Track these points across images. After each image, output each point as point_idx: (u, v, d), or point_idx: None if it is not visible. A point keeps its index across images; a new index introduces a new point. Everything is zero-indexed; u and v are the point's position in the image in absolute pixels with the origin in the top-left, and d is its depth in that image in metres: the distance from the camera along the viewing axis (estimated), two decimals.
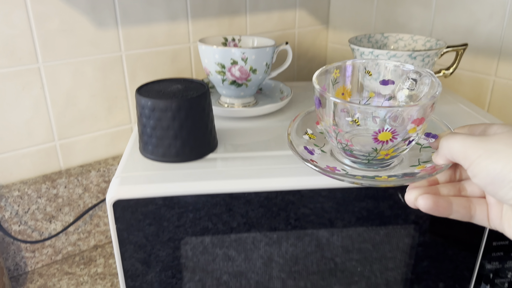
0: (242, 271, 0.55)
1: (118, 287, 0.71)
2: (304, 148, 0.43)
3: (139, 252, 0.49)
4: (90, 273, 0.74)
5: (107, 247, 0.80)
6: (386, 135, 0.37)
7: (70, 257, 0.77)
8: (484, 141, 0.31)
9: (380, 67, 0.43)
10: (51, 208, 0.72)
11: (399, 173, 0.40)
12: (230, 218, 0.51)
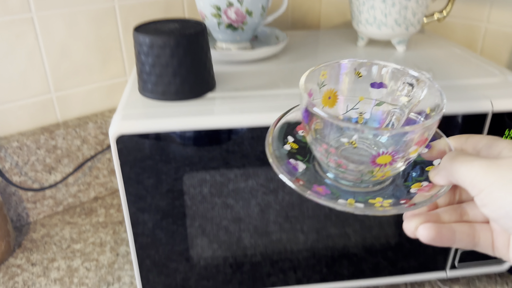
0: (240, 217, 0.57)
1: (120, 234, 0.73)
2: (287, 163, 0.37)
3: (143, 188, 0.50)
4: (91, 222, 0.76)
5: (107, 199, 0.81)
6: (385, 158, 0.32)
7: (71, 208, 0.79)
8: (495, 167, 0.27)
9: (371, 68, 0.38)
10: (50, 159, 0.73)
11: (395, 195, 0.35)
12: (228, 170, 0.53)
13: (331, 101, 0.39)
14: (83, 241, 0.71)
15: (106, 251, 0.69)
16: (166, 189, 0.51)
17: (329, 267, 0.59)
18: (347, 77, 0.39)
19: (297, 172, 0.37)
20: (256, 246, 0.57)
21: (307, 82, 0.36)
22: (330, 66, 0.38)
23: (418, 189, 0.34)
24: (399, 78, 0.37)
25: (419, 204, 0.32)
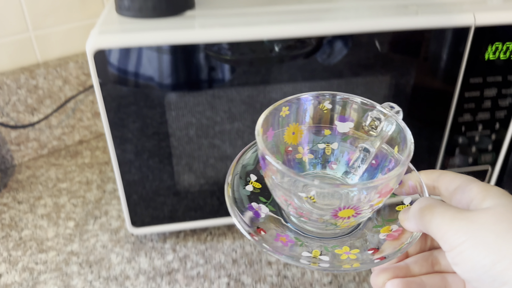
0: (227, 155, 0.57)
1: (106, 173, 0.73)
2: (249, 207, 0.34)
3: (124, 108, 0.49)
4: (77, 163, 0.75)
5: (92, 142, 0.81)
6: (347, 212, 0.30)
7: (56, 151, 0.78)
8: (468, 222, 0.25)
9: (336, 101, 0.36)
10: (32, 100, 0.72)
11: (363, 239, 0.33)
12: (213, 114, 0.53)
13: (295, 136, 0.37)
14: (69, 180, 0.71)
15: (93, 189, 0.69)
16: (150, 115, 0.50)
17: None
18: (311, 111, 0.36)
19: (259, 219, 0.34)
20: None
21: (267, 120, 0.34)
22: (292, 101, 0.35)
23: (388, 234, 0.32)
24: (366, 112, 0.35)
25: (388, 258, 0.30)
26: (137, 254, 0.57)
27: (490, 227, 0.24)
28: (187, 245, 0.58)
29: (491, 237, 0.24)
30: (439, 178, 0.32)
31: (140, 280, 0.53)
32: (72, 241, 0.59)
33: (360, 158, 0.36)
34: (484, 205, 0.26)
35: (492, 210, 0.25)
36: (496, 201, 0.26)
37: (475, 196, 0.27)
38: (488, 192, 0.27)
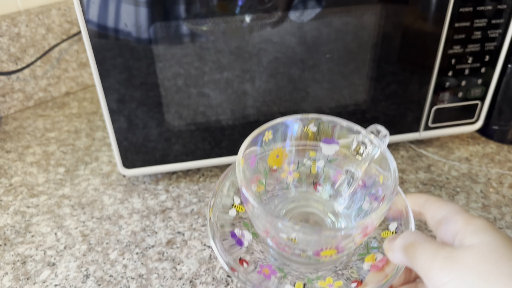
0: (217, 103, 0.56)
1: (95, 123, 0.72)
2: (231, 235, 0.34)
3: (111, 60, 0.48)
4: (65, 114, 0.74)
5: (79, 94, 0.80)
6: (329, 252, 0.30)
7: (42, 103, 0.77)
8: (452, 262, 0.25)
9: (320, 124, 0.36)
10: (15, 48, 0.70)
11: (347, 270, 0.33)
12: (202, 64, 0.52)
13: (279, 159, 0.36)
14: (58, 130, 0.70)
15: (82, 137, 0.68)
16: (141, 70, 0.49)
17: None
18: (296, 134, 0.36)
19: (242, 248, 0.33)
20: (234, 127, 0.57)
21: (250, 147, 0.33)
22: (275, 126, 0.35)
23: (372, 265, 0.32)
24: (352, 135, 0.35)
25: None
26: (129, 195, 0.57)
27: (474, 268, 0.24)
28: (179, 186, 0.58)
29: (474, 279, 0.24)
30: (425, 204, 0.32)
31: (134, 218, 0.53)
32: (63, 186, 0.59)
33: (345, 181, 0.36)
34: (468, 242, 0.26)
35: (476, 249, 0.25)
36: (481, 238, 0.26)
37: (460, 230, 0.27)
38: (473, 226, 0.27)
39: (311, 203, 0.38)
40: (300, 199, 0.38)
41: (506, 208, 0.53)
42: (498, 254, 0.24)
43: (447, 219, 0.29)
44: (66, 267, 0.47)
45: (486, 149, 0.63)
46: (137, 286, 0.45)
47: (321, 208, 0.37)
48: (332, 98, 0.58)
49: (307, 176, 0.37)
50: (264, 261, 0.34)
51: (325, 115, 0.35)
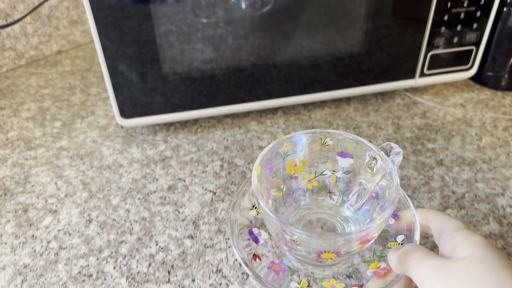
0: (212, 58, 0.55)
1: (89, 79, 0.71)
2: (249, 233, 0.37)
3: (109, 17, 0.47)
4: (58, 71, 0.73)
5: (71, 52, 0.79)
6: (329, 255, 0.33)
7: (34, 61, 0.76)
8: (442, 271, 0.27)
9: (337, 138, 0.38)
10: (4, 4, 0.69)
11: (351, 274, 0.36)
12: (196, 21, 0.51)
13: (298, 168, 0.39)
14: (51, 87, 0.69)
15: (77, 93, 0.68)
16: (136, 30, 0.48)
17: (302, 89, 0.59)
18: (313, 146, 0.39)
19: (257, 245, 0.37)
20: (230, 81, 0.57)
21: (268, 156, 0.36)
22: (293, 138, 0.38)
23: (375, 271, 0.34)
24: (365, 150, 0.37)
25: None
26: (128, 146, 0.57)
27: (462, 277, 0.26)
28: (178, 137, 0.58)
29: (461, 286, 0.25)
30: (433, 219, 0.33)
31: (134, 167, 0.53)
32: (60, 139, 0.58)
33: (357, 193, 0.38)
34: (461, 255, 0.28)
35: (467, 260, 0.27)
36: (474, 251, 0.27)
37: (458, 244, 0.29)
38: (469, 241, 0.28)
39: (325, 210, 0.40)
40: (313, 206, 0.41)
41: (501, 149, 0.54)
42: (487, 265, 0.26)
43: (449, 233, 0.30)
44: (68, 214, 0.47)
45: (480, 96, 0.64)
46: (141, 228, 0.45)
47: (333, 215, 0.40)
48: (327, 52, 0.58)
49: (324, 186, 0.40)
50: (277, 259, 0.37)
51: (343, 132, 0.38)
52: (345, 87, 0.60)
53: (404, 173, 0.51)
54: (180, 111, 0.57)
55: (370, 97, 0.64)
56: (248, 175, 0.51)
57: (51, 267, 0.42)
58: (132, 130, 0.59)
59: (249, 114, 0.62)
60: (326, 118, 0.60)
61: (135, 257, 0.42)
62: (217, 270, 0.41)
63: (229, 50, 0.56)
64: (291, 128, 0.59)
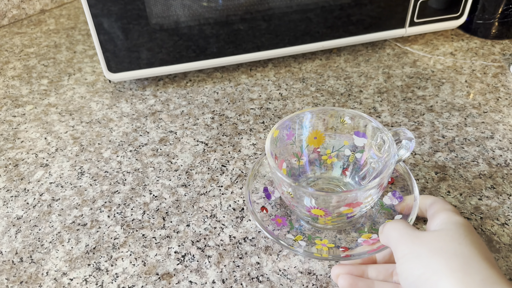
0: (199, 13, 0.54)
1: (74, 37, 0.70)
2: (264, 189, 0.41)
3: None
4: (42, 30, 0.72)
5: (54, 11, 0.76)
6: (317, 211, 0.35)
7: (17, 21, 0.74)
8: (414, 238, 0.29)
9: (355, 118, 0.40)
10: None
11: (342, 239, 0.38)
12: None
13: (317, 141, 0.41)
14: (36, 45, 0.68)
15: (63, 51, 0.66)
16: None
17: (291, 42, 0.58)
18: (333, 123, 0.40)
19: (269, 200, 0.41)
20: (218, 35, 0.56)
21: (287, 123, 0.39)
22: (313, 111, 0.40)
23: (364, 240, 0.36)
24: (377, 132, 0.38)
25: (353, 257, 0.34)
26: (117, 101, 0.56)
27: (427, 244, 0.28)
28: (167, 91, 0.58)
29: (425, 253, 0.28)
30: (431, 205, 0.35)
31: (124, 121, 0.53)
32: (48, 95, 0.57)
33: (366, 171, 0.40)
34: (434, 227, 0.31)
35: (437, 232, 0.29)
36: (447, 226, 0.30)
37: (436, 220, 0.31)
38: (447, 219, 0.31)
39: (333, 181, 0.42)
40: (324, 177, 0.43)
41: (490, 95, 0.54)
42: (453, 238, 0.28)
43: (435, 214, 0.33)
44: (59, 167, 0.47)
45: (470, 44, 0.64)
46: (134, 178, 0.45)
47: (340, 186, 0.42)
48: (317, 5, 0.57)
49: (346, 161, 0.42)
50: (283, 214, 0.40)
51: (362, 113, 0.39)
52: (335, 38, 0.60)
53: (395, 119, 0.51)
54: (168, 65, 0.57)
55: (360, 48, 0.64)
56: (240, 126, 0.51)
57: (45, 218, 0.42)
58: (121, 85, 0.59)
59: (239, 68, 0.61)
60: (316, 70, 0.60)
61: (129, 206, 0.43)
62: (211, 215, 0.41)
63: (216, 3, 0.55)
64: (282, 81, 0.58)
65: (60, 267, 0.38)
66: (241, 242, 0.39)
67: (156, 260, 0.38)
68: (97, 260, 0.38)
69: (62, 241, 0.40)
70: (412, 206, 0.37)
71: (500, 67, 0.59)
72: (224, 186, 0.44)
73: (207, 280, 0.36)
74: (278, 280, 0.36)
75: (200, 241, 0.39)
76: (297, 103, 0.54)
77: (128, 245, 0.39)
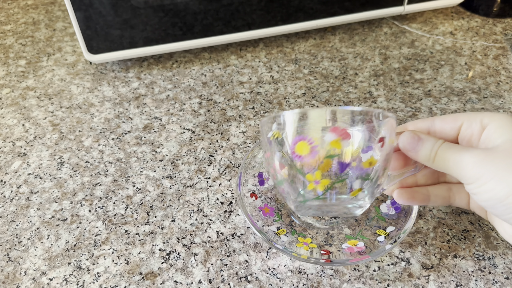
0: None
1: (54, 13, 0.66)
2: (258, 175, 0.39)
3: None
4: (19, 5, 0.67)
5: None
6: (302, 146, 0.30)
7: None
8: (485, 157, 0.26)
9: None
10: None
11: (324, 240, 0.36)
12: None
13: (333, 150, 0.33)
14: (13, 22, 0.64)
15: (41, 28, 0.63)
16: None
17: (284, 19, 0.55)
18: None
19: (261, 187, 0.38)
20: (207, 11, 0.52)
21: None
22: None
23: (349, 247, 0.34)
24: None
25: (333, 262, 0.32)
26: (99, 84, 0.53)
27: (504, 162, 0.26)
28: (152, 73, 0.55)
29: (507, 173, 0.25)
30: (435, 122, 0.31)
31: (106, 106, 0.50)
32: (26, 78, 0.54)
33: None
34: (495, 142, 0.27)
35: (502, 147, 0.26)
36: (506, 136, 0.27)
37: (491, 133, 0.28)
38: (496, 123, 0.28)
39: None
40: None
41: (491, 79, 0.52)
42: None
43: (469, 121, 0.29)
44: (38, 157, 0.45)
45: (471, 23, 0.61)
46: (116, 169, 0.43)
47: None
48: None
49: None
50: (272, 204, 0.38)
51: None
52: (330, 15, 0.56)
53: (391, 105, 0.49)
54: (153, 44, 0.53)
55: (356, 26, 0.61)
56: (229, 112, 0.49)
57: (23, 213, 0.40)
58: (102, 66, 0.55)
59: (228, 48, 0.58)
60: (310, 50, 0.57)
61: (111, 200, 0.41)
62: (198, 209, 0.39)
63: None
64: (273, 62, 0.55)
65: (39, 266, 0.36)
66: (229, 238, 0.37)
67: (140, 258, 0.36)
68: (77, 258, 0.36)
69: (41, 237, 0.38)
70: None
71: (502, 48, 0.56)
72: (212, 178, 0.42)
73: (193, 280, 0.34)
74: (267, 280, 0.34)
75: (186, 237, 0.37)
76: (289, 86, 0.52)
77: (110, 242, 0.37)
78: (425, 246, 0.36)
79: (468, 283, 0.33)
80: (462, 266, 0.34)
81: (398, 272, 0.34)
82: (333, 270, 0.34)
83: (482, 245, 0.35)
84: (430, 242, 0.36)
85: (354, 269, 0.34)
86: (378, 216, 0.37)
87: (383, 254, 0.32)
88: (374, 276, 0.34)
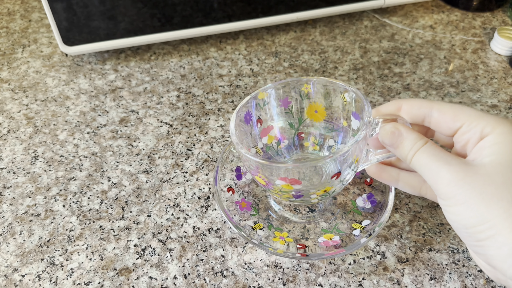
0: None
1: (30, 3, 0.64)
2: (236, 169, 0.38)
3: None
4: None
5: None
6: (260, 180, 0.32)
7: None
8: (464, 176, 0.24)
9: (355, 96, 0.33)
10: None
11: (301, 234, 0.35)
12: None
13: (317, 115, 0.36)
14: None
15: (16, 19, 0.61)
16: None
17: (265, 11, 0.55)
18: (334, 100, 0.35)
19: (238, 182, 0.38)
20: (186, 2, 0.52)
21: (285, 88, 0.35)
22: (313, 81, 0.35)
23: (324, 241, 0.34)
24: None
25: (310, 256, 0.32)
26: (75, 76, 0.52)
27: (482, 188, 0.24)
28: (129, 65, 0.54)
29: (480, 202, 0.24)
30: (432, 113, 0.29)
31: (81, 99, 0.49)
32: (0, 70, 0.53)
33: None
34: (483, 160, 0.25)
35: (486, 169, 0.24)
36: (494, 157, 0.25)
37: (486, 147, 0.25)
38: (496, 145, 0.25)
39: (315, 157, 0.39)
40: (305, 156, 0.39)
41: (469, 72, 0.52)
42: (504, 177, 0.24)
43: (469, 126, 0.27)
44: (11, 151, 0.44)
45: (450, 17, 0.61)
46: (91, 164, 0.42)
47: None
48: None
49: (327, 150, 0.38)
50: (249, 199, 0.37)
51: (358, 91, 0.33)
52: (311, 8, 0.56)
53: (370, 99, 0.49)
54: (131, 36, 0.52)
55: (337, 19, 0.61)
56: (207, 106, 0.48)
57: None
58: (79, 58, 0.54)
59: (208, 40, 0.57)
60: (290, 43, 0.57)
61: (85, 194, 0.40)
62: (174, 204, 0.39)
63: None
64: (253, 55, 0.55)
65: (11, 262, 0.35)
66: (205, 233, 0.37)
67: (114, 254, 0.35)
68: (51, 254, 0.36)
69: (14, 233, 0.37)
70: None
71: (480, 42, 0.56)
72: (189, 172, 0.41)
73: (168, 275, 0.34)
74: (243, 274, 0.34)
75: (162, 233, 0.37)
76: (269, 80, 0.51)
77: (85, 238, 0.37)
78: (400, 239, 0.36)
79: (442, 276, 0.33)
80: (437, 259, 0.34)
81: (374, 265, 0.34)
82: (309, 264, 0.34)
83: (456, 238, 0.36)
84: (406, 235, 0.36)
85: (330, 262, 0.34)
86: (354, 209, 0.37)
87: (358, 247, 0.32)
88: (350, 270, 0.34)
